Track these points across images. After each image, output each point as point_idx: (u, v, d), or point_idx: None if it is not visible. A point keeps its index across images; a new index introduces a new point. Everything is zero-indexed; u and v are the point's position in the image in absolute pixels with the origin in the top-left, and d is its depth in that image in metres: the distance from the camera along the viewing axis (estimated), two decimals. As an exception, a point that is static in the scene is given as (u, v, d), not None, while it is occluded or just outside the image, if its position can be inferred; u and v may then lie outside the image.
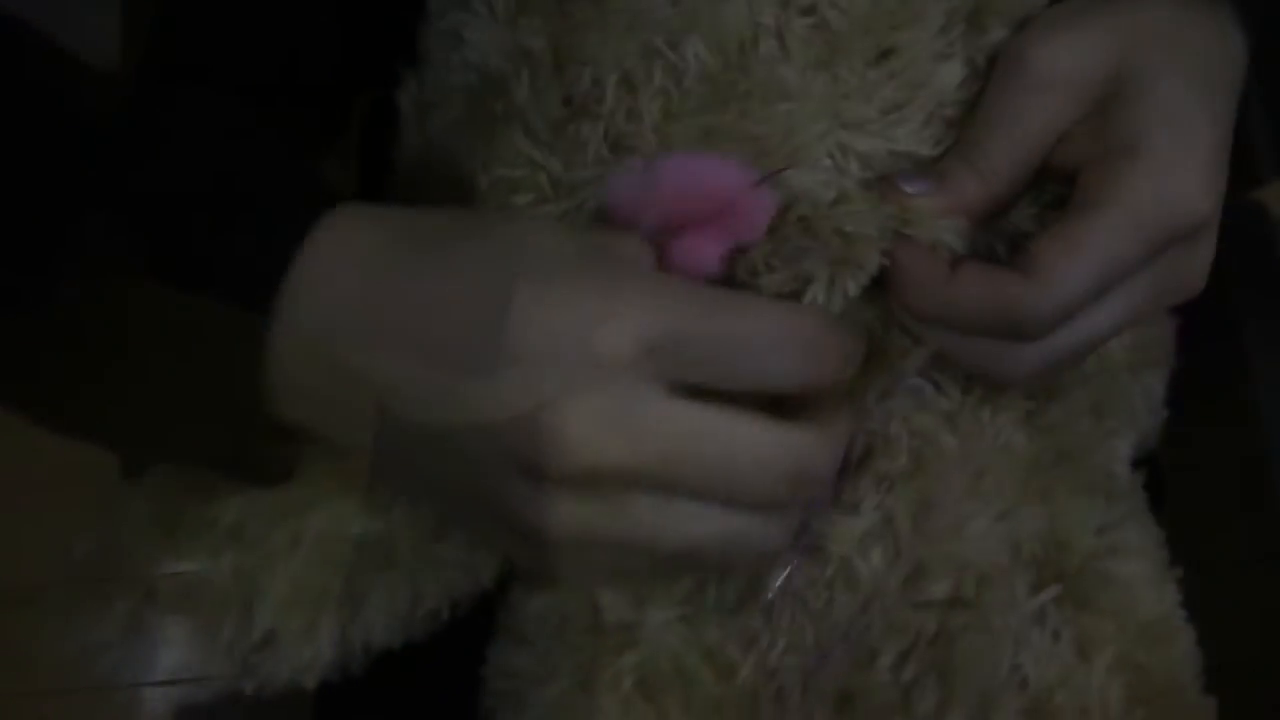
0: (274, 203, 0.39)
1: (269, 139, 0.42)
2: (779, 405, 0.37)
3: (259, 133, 0.42)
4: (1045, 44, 0.40)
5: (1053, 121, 0.40)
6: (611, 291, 0.36)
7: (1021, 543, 0.41)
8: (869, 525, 0.40)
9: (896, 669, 0.39)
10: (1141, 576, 0.43)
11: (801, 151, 0.39)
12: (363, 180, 0.55)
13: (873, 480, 0.41)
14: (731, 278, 0.39)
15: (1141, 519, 0.45)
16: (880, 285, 0.40)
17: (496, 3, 0.43)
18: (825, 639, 0.40)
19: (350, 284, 0.37)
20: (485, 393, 0.35)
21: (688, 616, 0.41)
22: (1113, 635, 0.41)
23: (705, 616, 0.41)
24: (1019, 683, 0.40)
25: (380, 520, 0.42)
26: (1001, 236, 0.41)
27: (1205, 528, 0.49)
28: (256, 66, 0.50)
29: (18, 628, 1.00)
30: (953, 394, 0.42)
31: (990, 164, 0.40)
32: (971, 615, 0.40)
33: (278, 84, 0.50)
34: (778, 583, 0.40)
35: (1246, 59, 0.42)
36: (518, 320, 0.35)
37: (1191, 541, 0.45)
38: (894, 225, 0.39)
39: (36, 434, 0.42)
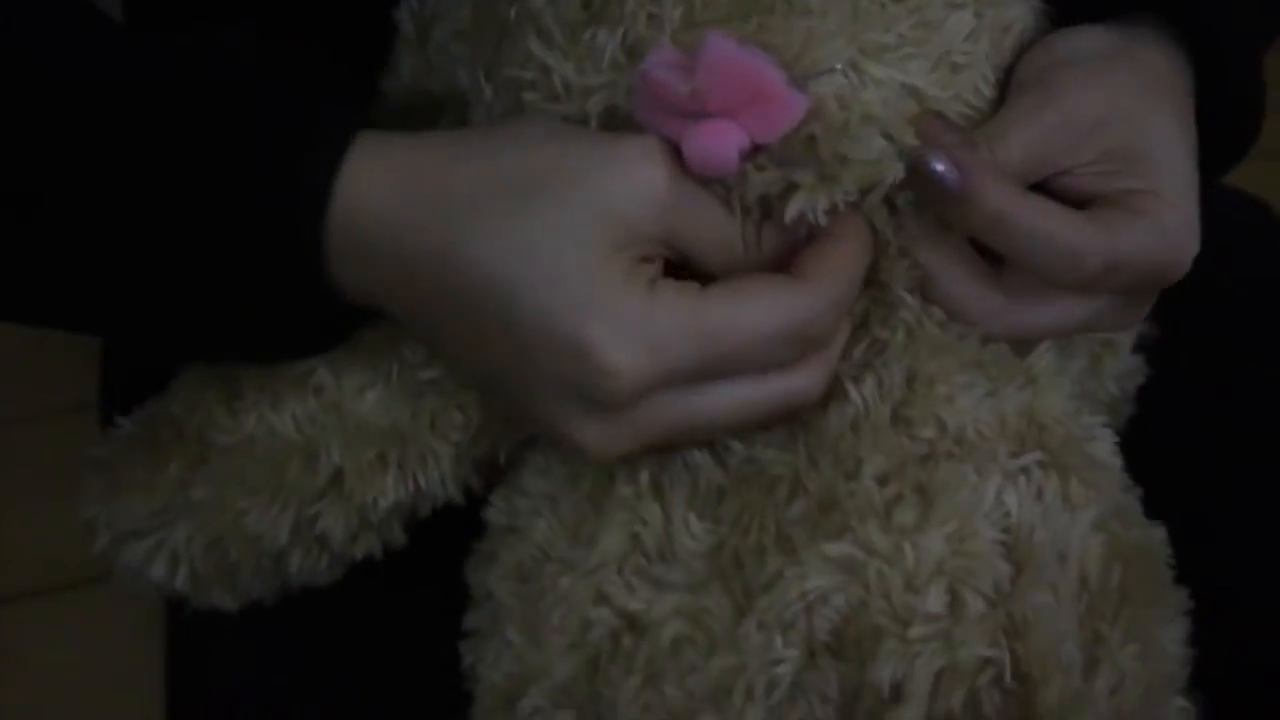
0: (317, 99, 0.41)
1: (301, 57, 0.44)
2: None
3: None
4: (1086, 91, 0.42)
5: (1066, 159, 0.42)
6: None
7: (1007, 418, 0.42)
8: (862, 358, 0.42)
9: (880, 482, 0.41)
10: (1116, 467, 0.44)
11: (817, 66, 0.40)
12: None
13: (867, 345, 0.43)
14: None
15: (1106, 426, 0.45)
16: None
17: None
18: (814, 448, 0.42)
19: (403, 172, 0.40)
20: (541, 343, 0.38)
21: None
22: (1094, 500, 0.42)
23: None
24: (1002, 514, 0.41)
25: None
26: None
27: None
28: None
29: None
30: None
31: (1007, 165, 0.41)
32: (959, 455, 0.41)
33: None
34: None
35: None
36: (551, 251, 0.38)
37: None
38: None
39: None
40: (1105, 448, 0.44)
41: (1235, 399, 0.55)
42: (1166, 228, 0.42)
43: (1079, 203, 0.43)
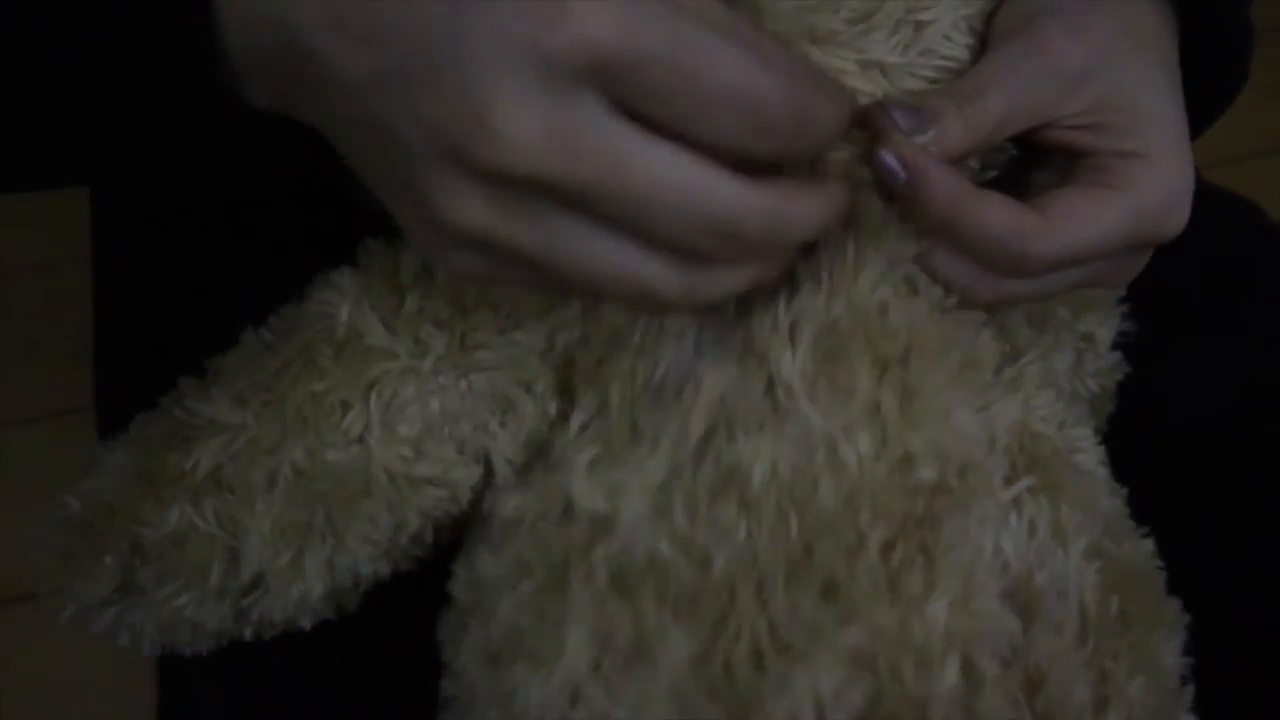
0: None
1: None
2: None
3: None
4: (1072, 40, 0.41)
5: (1051, 110, 0.41)
6: None
7: (997, 435, 0.41)
8: (855, 412, 0.40)
9: (884, 554, 0.38)
10: (1101, 476, 0.43)
11: None
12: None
13: (866, 360, 0.40)
14: None
15: (1089, 428, 0.45)
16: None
17: None
18: (810, 530, 0.39)
19: None
20: (427, 83, 0.33)
21: (661, 507, 0.40)
22: (1085, 525, 0.41)
23: (679, 507, 0.39)
24: (1001, 566, 0.39)
25: (355, 448, 0.42)
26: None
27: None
28: None
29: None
30: (934, 291, 0.42)
31: (981, 122, 0.40)
32: (954, 499, 0.39)
33: None
34: None
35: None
36: (467, 13, 0.33)
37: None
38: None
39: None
40: (1091, 458, 0.43)
41: (1224, 398, 0.54)
42: (1154, 189, 0.41)
43: (1067, 158, 0.42)
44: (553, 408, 0.43)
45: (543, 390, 0.42)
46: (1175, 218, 0.42)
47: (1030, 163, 0.44)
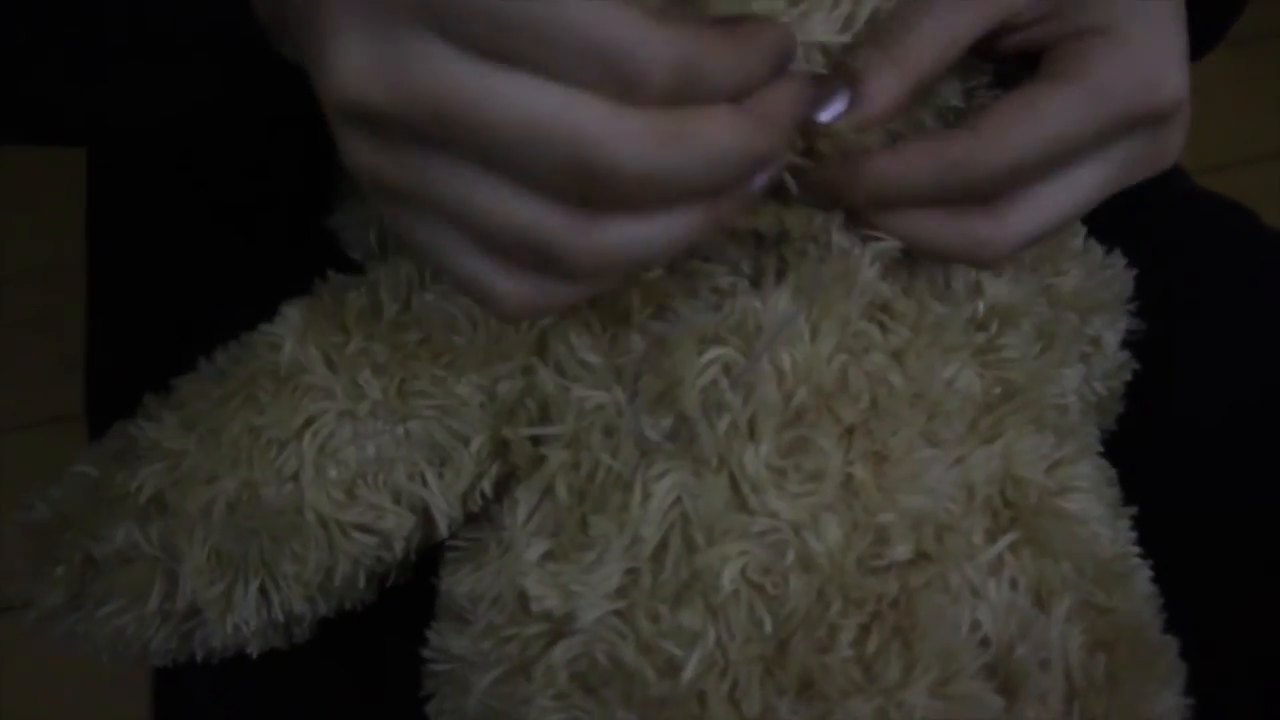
0: None
1: None
2: None
3: None
4: None
5: (997, 10, 0.38)
6: None
7: (976, 488, 0.39)
8: (827, 494, 0.38)
9: (859, 643, 0.37)
10: (1096, 514, 0.41)
11: None
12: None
13: (834, 433, 0.38)
14: None
15: (1093, 456, 0.43)
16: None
17: None
18: (783, 627, 0.37)
19: None
20: (303, 21, 0.32)
21: (622, 611, 0.38)
22: (1071, 578, 0.39)
23: (640, 613, 0.38)
24: (979, 641, 0.38)
25: (288, 486, 0.40)
26: (929, 111, 0.40)
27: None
28: None
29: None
30: (900, 332, 0.40)
31: (917, 58, 0.38)
32: (931, 571, 0.38)
33: None
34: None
35: None
36: None
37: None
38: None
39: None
40: (1086, 498, 0.41)
41: (1226, 402, 0.52)
42: (1118, 65, 0.38)
43: (1034, 59, 0.39)
44: (493, 470, 0.41)
45: (479, 448, 0.41)
46: (1161, 89, 0.38)
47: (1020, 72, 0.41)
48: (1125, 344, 0.49)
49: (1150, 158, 0.40)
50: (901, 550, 0.37)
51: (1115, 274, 0.48)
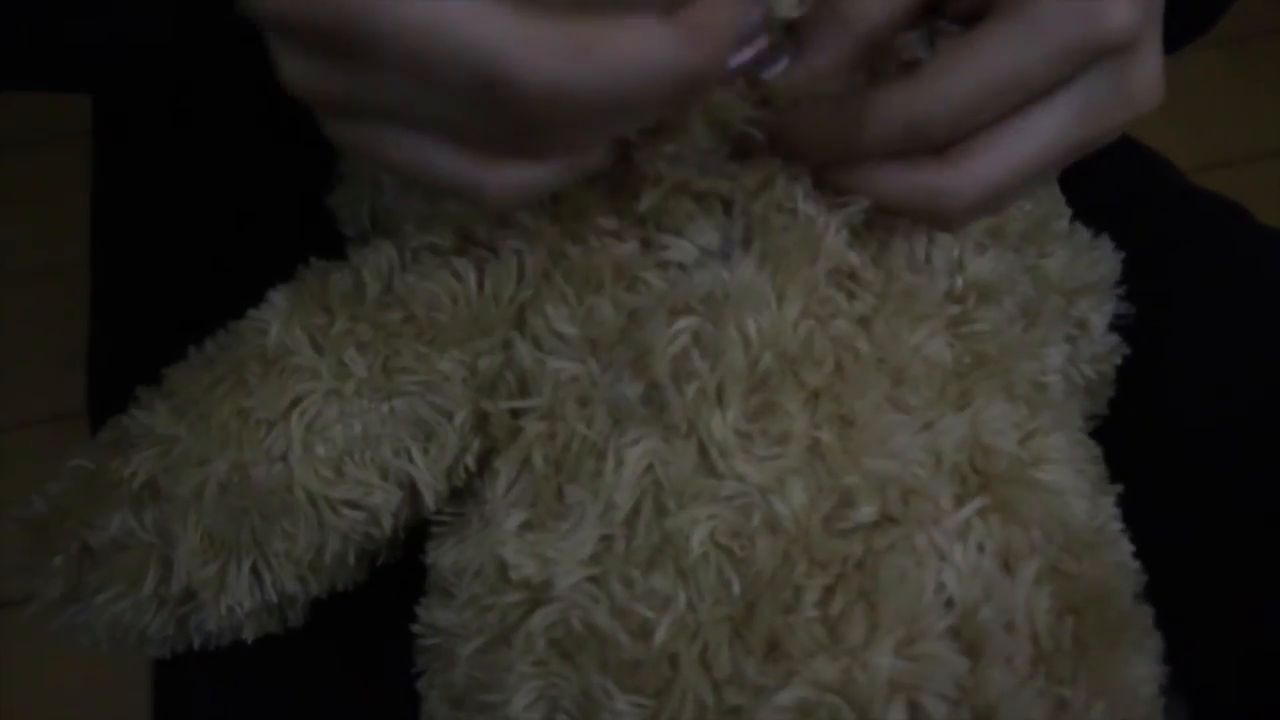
0: None
1: None
2: None
3: None
4: None
5: None
6: None
7: (943, 453, 0.39)
8: (794, 458, 0.38)
9: (823, 604, 0.37)
10: (1070, 486, 0.41)
11: None
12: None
13: (799, 398, 0.39)
14: None
15: (1070, 430, 0.43)
16: None
17: None
18: (750, 589, 0.37)
19: None
20: None
21: (596, 577, 0.39)
22: (1040, 545, 0.39)
23: (613, 578, 0.39)
24: (944, 603, 0.38)
25: (278, 466, 0.41)
26: (893, 65, 0.40)
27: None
28: None
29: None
30: (866, 299, 0.40)
31: (858, 12, 0.38)
32: (896, 533, 0.38)
33: None
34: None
35: None
36: None
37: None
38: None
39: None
40: (1061, 468, 0.41)
41: (1216, 395, 0.53)
42: (1052, 2, 0.36)
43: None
44: (475, 444, 0.42)
45: (462, 422, 0.42)
46: (1103, 19, 0.36)
47: None
48: (1117, 330, 0.49)
49: (1119, 98, 0.38)
50: (866, 512, 0.38)
51: (1102, 255, 0.48)
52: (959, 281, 0.42)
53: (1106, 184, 0.57)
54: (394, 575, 0.45)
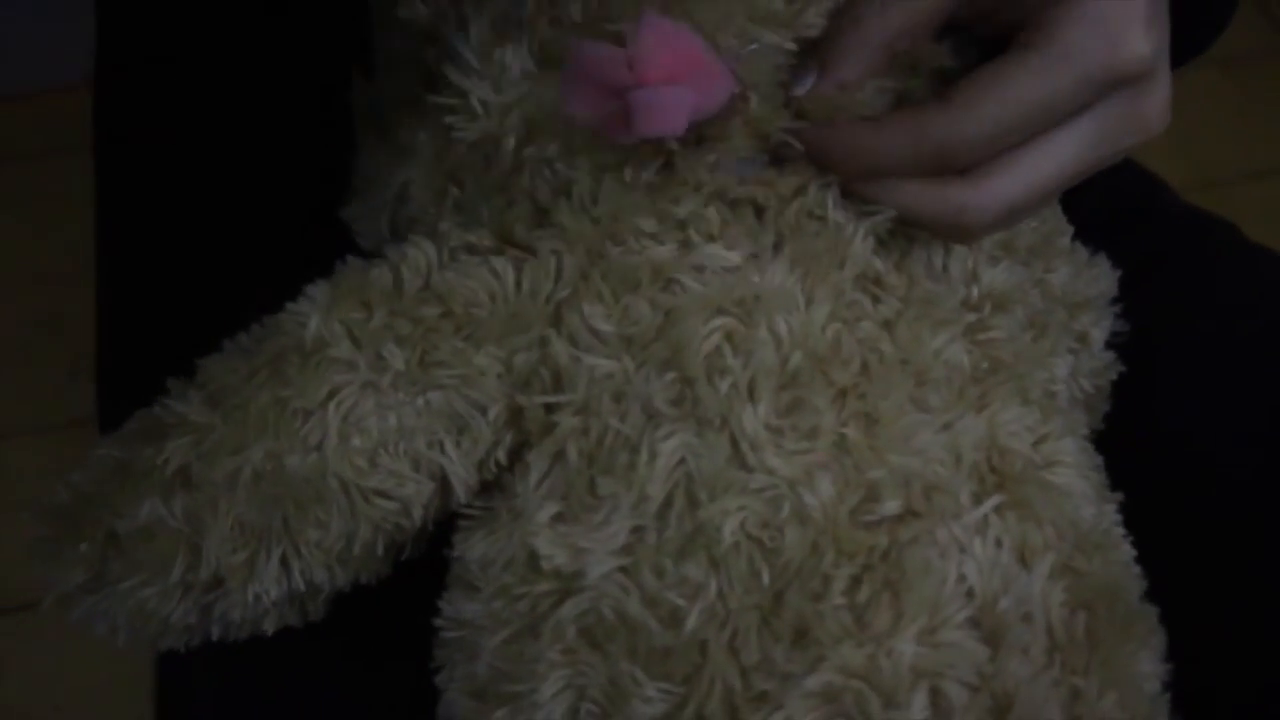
0: None
1: None
2: None
3: None
4: None
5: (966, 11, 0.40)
6: None
7: (963, 452, 0.41)
8: (822, 452, 0.40)
9: (850, 593, 0.39)
10: (1079, 490, 0.42)
11: (736, 45, 0.41)
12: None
13: (827, 395, 0.40)
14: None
15: (1078, 438, 0.44)
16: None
17: None
18: (779, 578, 0.39)
19: None
20: None
21: (627, 567, 0.40)
22: (1053, 543, 0.41)
23: (645, 566, 0.40)
24: (965, 593, 0.39)
25: (312, 455, 0.42)
26: (921, 74, 0.42)
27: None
28: None
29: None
30: (890, 303, 0.42)
31: (877, 26, 0.40)
32: (919, 526, 0.39)
33: None
34: None
35: None
36: None
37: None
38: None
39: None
40: (1070, 471, 0.43)
41: (1205, 411, 0.54)
42: (1077, 28, 0.39)
43: (1009, 37, 0.40)
44: (508, 438, 0.43)
45: (496, 417, 0.42)
46: (1124, 49, 0.39)
47: None
48: (1111, 347, 0.51)
49: (1131, 124, 0.41)
50: (891, 506, 0.39)
51: (1100, 273, 0.50)
52: (975, 291, 0.44)
53: (1100, 201, 0.58)
54: (400, 578, 0.46)
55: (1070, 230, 0.50)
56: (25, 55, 1.35)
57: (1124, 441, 0.50)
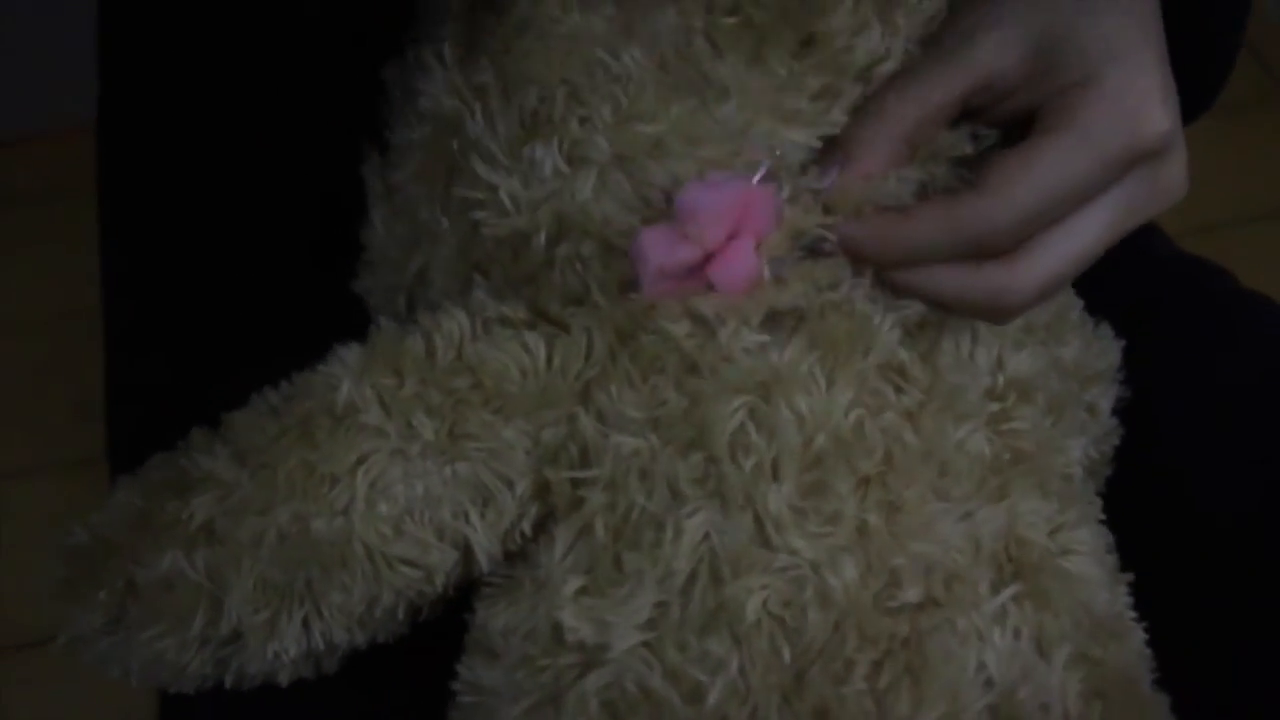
0: None
1: None
2: None
3: None
4: (969, 5, 0.42)
5: (971, 75, 0.41)
6: None
7: (982, 541, 0.41)
8: (843, 536, 0.40)
9: (872, 677, 0.39)
10: (1094, 577, 0.43)
11: (752, 165, 0.41)
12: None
13: (850, 481, 0.40)
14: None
15: (1093, 523, 0.45)
16: None
17: (445, 52, 0.45)
18: (801, 658, 0.39)
19: None
20: None
21: (650, 642, 0.40)
22: (1069, 632, 0.41)
23: (669, 641, 0.40)
24: (984, 681, 0.40)
25: (339, 520, 0.42)
26: (941, 161, 0.43)
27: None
28: None
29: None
30: (913, 394, 0.42)
31: (895, 117, 0.41)
32: (940, 615, 0.40)
33: None
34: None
35: None
36: None
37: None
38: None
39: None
40: (1086, 560, 0.43)
41: (1203, 461, 0.54)
42: (1099, 110, 0.40)
43: (1026, 122, 0.41)
44: (533, 510, 0.43)
45: (523, 491, 0.43)
46: (1145, 126, 0.40)
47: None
48: (1118, 408, 0.51)
49: (1153, 195, 0.42)
50: (913, 593, 0.40)
51: (1108, 345, 0.51)
52: (1000, 379, 0.44)
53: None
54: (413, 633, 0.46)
55: (1080, 303, 0.50)
56: (28, 100, 1.36)
57: (1121, 489, 0.50)
